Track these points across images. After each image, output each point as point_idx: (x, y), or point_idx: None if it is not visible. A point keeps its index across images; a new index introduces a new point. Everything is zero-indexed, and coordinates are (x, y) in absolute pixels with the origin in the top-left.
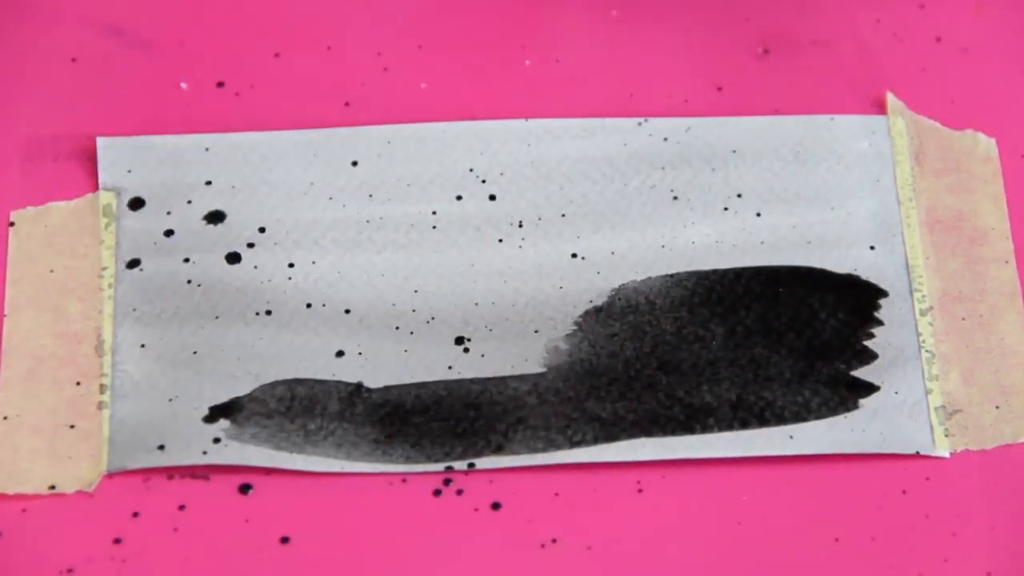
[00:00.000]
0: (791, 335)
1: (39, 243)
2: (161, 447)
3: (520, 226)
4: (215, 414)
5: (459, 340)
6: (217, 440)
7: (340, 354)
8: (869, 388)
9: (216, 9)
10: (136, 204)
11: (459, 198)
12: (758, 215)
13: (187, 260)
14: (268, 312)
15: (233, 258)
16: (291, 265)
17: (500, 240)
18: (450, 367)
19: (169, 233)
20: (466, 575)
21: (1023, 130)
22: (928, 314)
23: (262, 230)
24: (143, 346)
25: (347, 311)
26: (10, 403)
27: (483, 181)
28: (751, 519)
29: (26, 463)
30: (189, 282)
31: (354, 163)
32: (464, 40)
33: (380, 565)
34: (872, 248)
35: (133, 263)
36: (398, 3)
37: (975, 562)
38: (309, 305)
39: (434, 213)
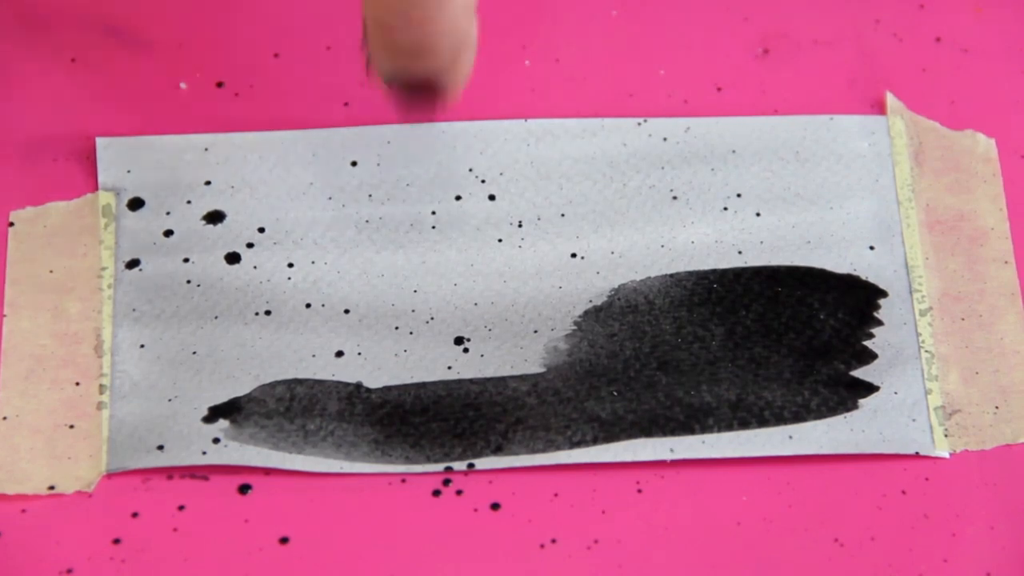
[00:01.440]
0: (791, 335)
1: (38, 243)
2: (160, 447)
3: (519, 226)
4: (214, 414)
5: (458, 340)
6: (216, 440)
7: (339, 354)
8: (869, 388)
9: (216, 9)
10: (135, 204)
11: (458, 198)
12: (757, 215)
13: (186, 260)
14: (267, 312)
15: (232, 258)
16: (290, 265)
17: (499, 240)
18: (449, 367)
19: (168, 233)
20: (466, 575)
21: (1023, 130)
22: (928, 314)
23: (261, 230)
24: (142, 346)
25: (346, 311)
26: (10, 403)
27: (482, 181)
28: (751, 519)
29: (26, 463)
30: (188, 282)
31: (353, 163)
32: None
33: (380, 565)
34: (872, 248)
35: (132, 263)
36: None
37: (975, 562)
38: (308, 305)
39: (433, 213)
